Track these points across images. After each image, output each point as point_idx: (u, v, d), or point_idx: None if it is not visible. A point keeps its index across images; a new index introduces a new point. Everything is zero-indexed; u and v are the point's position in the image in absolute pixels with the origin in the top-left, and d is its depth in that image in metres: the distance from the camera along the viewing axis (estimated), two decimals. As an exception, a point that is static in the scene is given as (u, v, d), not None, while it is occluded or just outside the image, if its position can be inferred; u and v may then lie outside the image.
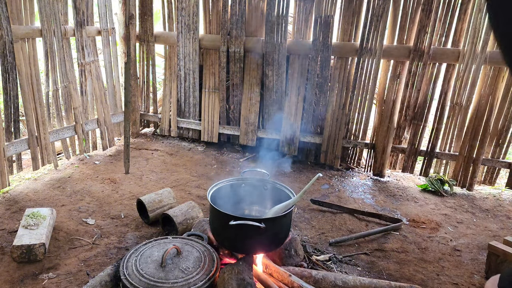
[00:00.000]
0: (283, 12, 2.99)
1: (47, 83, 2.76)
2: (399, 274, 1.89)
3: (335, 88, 3.05)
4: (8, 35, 2.34)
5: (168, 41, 3.42)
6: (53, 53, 2.73)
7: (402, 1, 2.77)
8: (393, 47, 2.85)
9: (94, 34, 3.08)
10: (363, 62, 2.90)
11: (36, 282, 1.70)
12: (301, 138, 3.22)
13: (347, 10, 2.88)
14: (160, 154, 3.30)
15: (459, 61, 2.73)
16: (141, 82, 3.63)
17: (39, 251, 1.81)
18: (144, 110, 3.73)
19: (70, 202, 2.42)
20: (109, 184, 2.70)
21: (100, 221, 2.23)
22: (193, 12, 3.24)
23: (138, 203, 2.23)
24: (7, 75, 2.41)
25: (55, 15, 2.68)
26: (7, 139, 2.47)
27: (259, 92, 3.24)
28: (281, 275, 1.63)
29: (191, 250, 1.65)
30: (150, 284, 1.46)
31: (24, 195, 2.46)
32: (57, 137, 2.84)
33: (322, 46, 2.96)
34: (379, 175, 3.07)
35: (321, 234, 2.21)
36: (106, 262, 1.85)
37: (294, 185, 2.80)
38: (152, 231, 2.14)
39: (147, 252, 1.63)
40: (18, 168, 2.63)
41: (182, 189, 2.68)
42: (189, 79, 3.42)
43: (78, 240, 2.03)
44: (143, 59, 3.55)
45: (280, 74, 3.13)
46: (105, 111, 3.25)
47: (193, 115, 3.52)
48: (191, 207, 2.11)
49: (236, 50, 3.20)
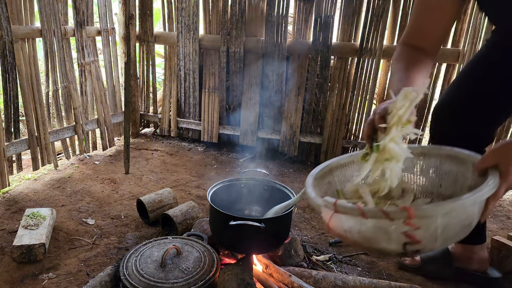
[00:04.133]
0: (283, 12, 2.99)
1: (47, 83, 2.76)
2: (399, 274, 1.89)
3: (335, 88, 3.05)
4: (8, 35, 2.34)
5: (168, 41, 3.43)
6: (53, 53, 2.73)
7: (402, 1, 2.77)
8: (393, 47, 2.85)
9: (94, 34, 3.08)
10: (363, 62, 2.91)
11: (36, 282, 1.70)
12: (301, 138, 3.22)
13: (347, 10, 2.88)
14: (160, 154, 3.30)
15: (459, 61, 2.73)
16: (141, 82, 3.64)
17: (39, 251, 1.81)
18: (144, 110, 3.73)
19: (70, 202, 2.42)
20: (109, 184, 2.70)
21: (100, 221, 2.23)
22: (193, 12, 3.24)
23: (138, 203, 2.23)
24: (7, 75, 2.41)
25: (55, 15, 2.68)
26: (7, 139, 2.47)
27: (259, 92, 3.24)
28: (281, 275, 1.63)
29: (191, 250, 1.65)
30: (150, 284, 1.46)
31: (24, 195, 2.46)
32: (57, 137, 2.84)
33: (322, 46, 2.96)
34: (379, 175, 3.07)
35: (321, 234, 2.21)
36: (106, 262, 1.85)
37: (294, 185, 2.80)
38: (152, 231, 2.14)
39: (147, 252, 1.63)
40: (18, 168, 2.63)
41: (182, 189, 2.68)
42: (189, 79, 3.42)
43: (78, 240, 2.03)
44: (143, 59, 3.55)
45: (280, 74, 3.13)
46: (105, 111, 3.25)
47: (193, 115, 3.52)
48: (191, 207, 2.11)
49: (236, 50, 3.20)
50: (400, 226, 0.92)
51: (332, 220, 1.05)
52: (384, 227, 0.95)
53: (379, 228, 0.96)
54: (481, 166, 1.05)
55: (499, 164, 1.00)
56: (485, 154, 1.06)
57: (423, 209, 0.92)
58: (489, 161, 1.03)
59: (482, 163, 1.05)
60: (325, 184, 1.37)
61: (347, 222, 1.00)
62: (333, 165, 1.41)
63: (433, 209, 0.93)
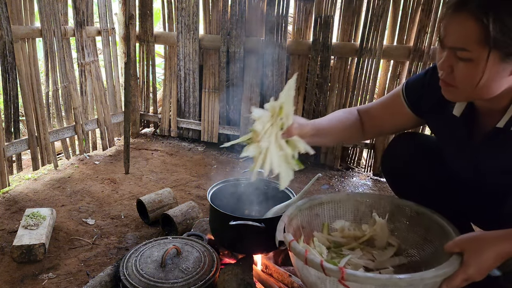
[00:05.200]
0: (283, 12, 2.99)
1: (47, 83, 2.76)
2: (399, 274, 1.88)
3: (335, 88, 3.05)
4: (8, 35, 2.34)
5: (168, 41, 3.43)
6: (53, 53, 2.73)
7: (402, 1, 2.77)
8: (393, 47, 2.86)
9: (94, 34, 3.08)
10: (363, 62, 2.90)
11: (36, 282, 1.70)
12: (301, 138, 3.21)
13: (347, 10, 2.88)
14: (160, 154, 3.30)
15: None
16: (141, 82, 3.63)
17: (39, 251, 1.81)
18: (144, 110, 3.73)
19: (70, 202, 2.42)
20: (109, 184, 2.70)
21: (100, 221, 2.23)
22: (193, 12, 3.24)
23: (138, 203, 2.23)
24: (7, 75, 2.41)
25: (55, 15, 2.68)
26: (7, 139, 2.47)
27: (259, 92, 3.24)
28: (281, 275, 1.63)
29: (191, 250, 1.65)
30: (150, 284, 1.46)
31: (24, 195, 2.46)
32: (57, 137, 2.84)
33: (322, 46, 2.96)
34: (379, 175, 3.07)
35: (321, 234, 2.21)
36: (106, 262, 1.85)
37: (294, 185, 2.80)
38: (152, 231, 2.14)
39: (147, 252, 1.63)
40: (18, 168, 2.63)
41: (182, 189, 2.68)
42: (189, 79, 3.42)
43: (78, 240, 2.03)
44: (143, 59, 3.55)
45: (280, 74, 3.13)
46: (105, 111, 3.25)
47: (193, 115, 3.52)
48: (191, 207, 2.11)
49: (236, 50, 3.19)
50: (336, 283, 1.03)
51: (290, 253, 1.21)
52: (322, 279, 1.07)
53: (319, 278, 1.09)
54: (448, 249, 1.11)
55: (464, 252, 1.06)
56: (455, 239, 1.12)
57: (356, 275, 1.01)
58: (456, 247, 1.09)
59: (450, 246, 1.10)
60: (313, 215, 1.49)
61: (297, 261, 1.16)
62: (325, 199, 1.53)
63: (366, 277, 1.01)
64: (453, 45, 1.06)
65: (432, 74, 1.35)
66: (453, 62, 1.08)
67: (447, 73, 1.11)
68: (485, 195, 1.36)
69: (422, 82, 1.39)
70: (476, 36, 1.00)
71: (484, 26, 0.99)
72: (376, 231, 1.42)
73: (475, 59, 1.03)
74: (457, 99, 1.23)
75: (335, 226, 1.50)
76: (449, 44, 1.07)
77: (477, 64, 1.03)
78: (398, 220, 1.45)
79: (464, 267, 1.04)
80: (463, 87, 1.10)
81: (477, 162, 1.28)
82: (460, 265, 1.04)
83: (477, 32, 1.00)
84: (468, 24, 1.01)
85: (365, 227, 1.47)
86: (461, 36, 1.04)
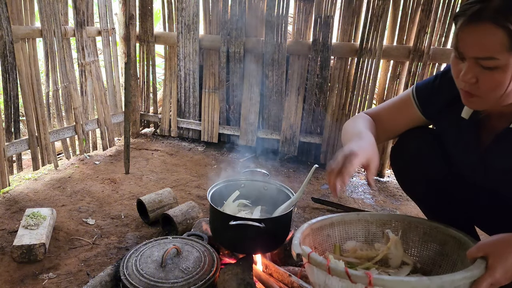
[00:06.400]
0: (283, 12, 2.99)
1: (47, 83, 2.76)
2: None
3: (335, 88, 3.05)
4: (8, 35, 2.34)
5: (168, 42, 3.43)
6: (53, 53, 2.73)
7: (402, 1, 2.77)
8: (393, 47, 2.86)
9: (94, 34, 3.09)
10: (363, 62, 2.91)
11: (36, 282, 1.70)
12: (301, 138, 3.22)
13: (347, 10, 2.88)
14: (160, 154, 3.30)
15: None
16: (141, 82, 3.64)
17: (39, 251, 1.81)
18: (144, 110, 3.73)
19: (70, 202, 2.42)
20: (109, 184, 2.70)
21: (100, 221, 2.23)
22: (193, 13, 3.24)
23: (138, 203, 2.23)
24: (7, 75, 2.41)
25: (55, 15, 2.68)
26: (7, 139, 2.48)
27: (259, 92, 3.24)
28: (281, 275, 1.63)
29: (191, 250, 1.66)
30: (150, 284, 1.46)
31: (24, 195, 2.47)
32: (57, 137, 2.85)
33: (322, 46, 2.96)
34: (379, 175, 3.07)
35: (321, 234, 2.21)
36: (106, 262, 1.85)
37: (294, 185, 2.80)
38: (152, 231, 2.14)
39: (147, 252, 1.64)
40: (18, 168, 2.63)
41: (182, 189, 2.69)
42: (189, 79, 3.43)
43: (78, 240, 2.03)
44: (143, 59, 3.55)
45: (280, 74, 3.13)
46: (105, 111, 3.25)
47: (193, 115, 3.52)
48: (191, 207, 2.12)
49: (236, 50, 3.20)
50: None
51: (306, 267, 1.16)
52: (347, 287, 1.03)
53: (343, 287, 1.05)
54: (471, 255, 1.09)
55: (488, 256, 1.04)
56: (478, 244, 1.11)
57: (383, 279, 0.98)
58: (480, 252, 1.07)
59: (473, 252, 1.09)
60: (324, 236, 1.45)
61: (318, 273, 1.11)
62: (336, 219, 1.48)
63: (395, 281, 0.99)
64: (477, 55, 1.05)
65: (441, 78, 1.36)
66: (477, 72, 1.07)
67: (471, 84, 1.10)
68: (494, 196, 1.35)
69: (432, 86, 1.40)
70: (503, 43, 1.00)
71: (508, 32, 0.99)
72: (390, 249, 1.38)
73: (502, 66, 1.02)
74: (481, 108, 1.21)
75: (346, 247, 1.46)
76: (472, 55, 1.06)
77: (505, 70, 1.03)
78: (411, 239, 1.43)
79: (490, 271, 1.01)
80: (489, 95, 1.09)
81: (486, 163, 1.28)
82: (485, 270, 1.02)
83: (503, 39, 1.00)
84: (492, 33, 1.01)
85: (378, 246, 1.43)
86: (486, 46, 1.03)
